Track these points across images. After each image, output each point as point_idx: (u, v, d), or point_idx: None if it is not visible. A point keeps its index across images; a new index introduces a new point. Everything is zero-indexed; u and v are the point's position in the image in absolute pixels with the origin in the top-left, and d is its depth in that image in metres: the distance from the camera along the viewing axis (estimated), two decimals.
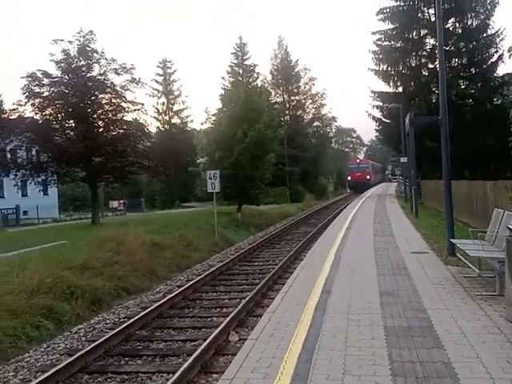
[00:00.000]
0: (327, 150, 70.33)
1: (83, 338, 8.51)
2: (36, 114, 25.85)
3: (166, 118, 62.73)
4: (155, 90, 62.33)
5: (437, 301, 6.60)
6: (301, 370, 4.47)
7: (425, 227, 15.96)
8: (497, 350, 4.72)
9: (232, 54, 60.21)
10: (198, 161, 34.63)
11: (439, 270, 8.67)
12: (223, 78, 59.01)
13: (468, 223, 16.88)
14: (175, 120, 63.01)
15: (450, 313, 6.01)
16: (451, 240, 9.53)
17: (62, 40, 24.83)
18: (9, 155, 29.36)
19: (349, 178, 67.73)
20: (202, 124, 46.86)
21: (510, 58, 8.14)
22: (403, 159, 28.28)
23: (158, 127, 61.78)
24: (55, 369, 6.56)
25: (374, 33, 33.12)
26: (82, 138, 24.72)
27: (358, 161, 72.22)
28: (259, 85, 50.71)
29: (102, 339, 7.74)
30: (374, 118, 35.14)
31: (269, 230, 25.77)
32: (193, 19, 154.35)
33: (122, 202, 47.16)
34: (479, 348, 4.78)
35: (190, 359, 6.56)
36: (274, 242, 20.08)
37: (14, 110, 25.47)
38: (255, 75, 58.74)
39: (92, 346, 7.48)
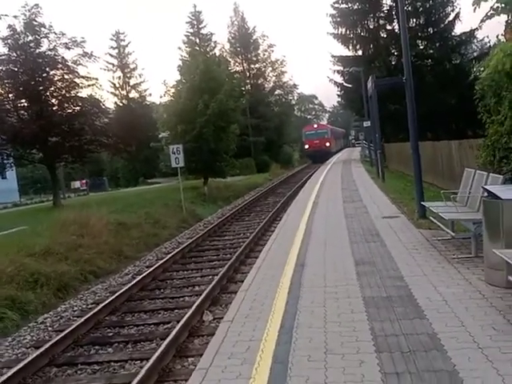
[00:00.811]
0: (290, 118, 69.03)
1: (50, 328, 8.10)
2: None
3: (124, 92, 60.94)
4: (110, 63, 60.33)
5: (413, 267, 6.47)
6: (280, 352, 4.23)
7: (392, 191, 15.95)
8: (481, 316, 4.58)
9: (187, 23, 58.58)
10: (160, 135, 33.79)
11: (412, 234, 8.58)
12: (180, 48, 57.47)
13: (433, 183, 17.02)
14: (133, 94, 61.32)
15: (428, 279, 5.88)
16: (423, 203, 9.44)
17: (6, 15, 23.44)
18: None
19: (306, 147, 57.22)
20: (160, 97, 45.66)
21: (474, 12, 7.87)
22: (366, 123, 28.25)
23: (115, 102, 60.04)
24: (21, 364, 6.18)
25: None
26: (35, 118, 23.63)
27: (315, 126, 60.56)
28: (217, 54, 49.71)
29: (70, 328, 7.35)
30: (335, 83, 34.95)
31: (237, 202, 25.51)
32: None
33: (84, 181, 46.01)
34: (463, 315, 4.63)
35: (164, 344, 6.28)
36: (244, 214, 19.83)
37: None
38: (213, 44, 57.57)
39: (60, 336, 7.10)
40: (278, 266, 7.24)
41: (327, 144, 55.42)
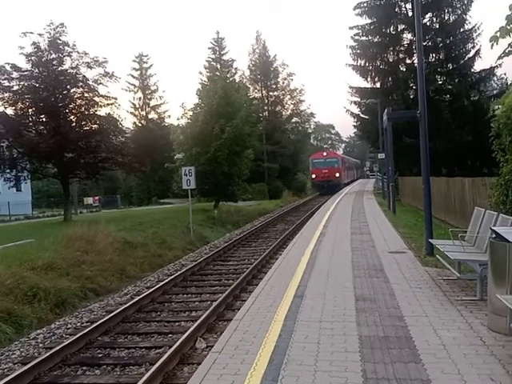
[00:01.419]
0: (306, 146, 69.12)
1: (41, 345, 7.95)
2: (5, 108, 24.97)
3: (143, 113, 61.79)
4: (131, 84, 61.44)
5: (415, 306, 6.22)
6: None
7: (403, 225, 15.68)
8: (479, 364, 4.33)
9: (209, 48, 59.62)
10: (176, 157, 33.95)
11: (417, 272, 8.31)
12: (201, 73, 58.35)
13: (445, 220, 16.69)
14: (152, 115, 62.10)
15: (429, 320, 5.62)
16: (430, 240, 9.19)
17: (31, 33, 23.92)
18: None
19: (313, 176, 51.24)
20: (178, 119, 46.10)
21: (491, 48, 7.75)
22: (381, 155, 28.09)
23: (134, 122, 60.93)
24: (3, 381, 6.02)
25: (351, 27, 32.87)
26: (53, 133, 23.86)
27: (324, 154, 53.55)
28: (237, 80, 50.22)
29: (60, 346, 7.22)
30: (352, 113, 34.92)
31: (246, 227, 25.32)
32: (170, 13, 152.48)
33: (96, 198, 46.19)
34: (460, 362, 4.38)
35: (152, 369, 6.09)
36: (251, 239, 19.63)
37: None
38: (233, 70, 58.26)
39: (48, 354, 6.96)
40: (276, 297, 7.03)
41: (337, 174, 49.91)
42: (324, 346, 4.97)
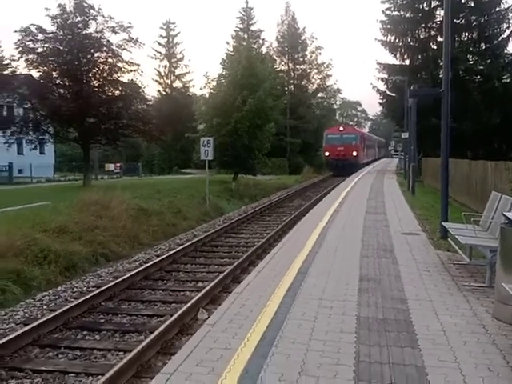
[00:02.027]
0: (331, 122, 68.09)
1: (44, 307, 8.01)
2: (30, 70, 25.11)
3: (168, 81, 61.62)
4: (158, 52, 61.25)
5: (420, 290, 6.04)
6: (253, 366, 3.92)
7: (420, 207, 15.36)
8: (478, 353, 4.15)
9: (238, 18, 58.84)
10: (198, 127, 33.83)
11: (428, 255, 8.09)
12: (227, 42, 57.82)
13: (466, 204, 16.32)
14: (177, 84, 61.91)
15: (433, 305, 5.44)
16: (443, 224, 8.93)
17: None
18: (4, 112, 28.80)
19: (326, 154, 44.31)
20: (200, 89, 45.84)
21: None
22: (405, 135, 27.49)
23: (159, 91, 60.91)
24: (3, 340, 6.07)
25: (383, 1, 31.91)
26: (75, 97, 23.97)
27: (340, 129, 46.11)
28: (264, 52, 49.56)
29: (62, 309, 7.24)
30: (378, 90, 34.14)
31: (262, 201, 25.19)
32: None
33: (118, 165, 46.54)
34: (459, 350, 4.21)
35: (150, 338, 6.07)
36: (265, 214, 19.50)
37: (7, 65, 24.71)
38: (261, 41, 57.54)
39: (50, 316, 6.99)
40: (279, 272, 6.91)
41: (354, 153, 43.03)
42: (320, 324, 4.85)
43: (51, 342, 6.46)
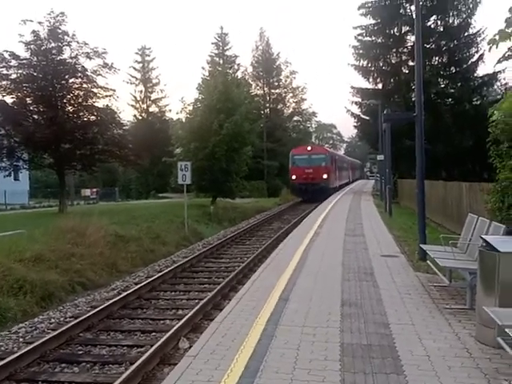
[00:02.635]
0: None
1: (21, 340, 7.77)
2: (3, 96, 24.78)
3: (144, 106, 61.71)
4: (133, 77, 61.38)
5: (402, 314, 6.05)
6: None
7: (398, 228, 15.50)
8: (463, 378, 4.15)
9: (213, 43, 59.44)
10: (175, 151, 33.79)
11: (408, 277, 8.14)
12: (203, 67, 58.15)
13: (442, 224, 16.54)
14: (153, 108, 62.02)
15: (415, 329, 5.45)
16: (422, 246, 9.01)
17: (31, 21, 23.76)
18: None
19: (292, 178, 38.93)
20: (177, 113, 45.91)
21: (489, 51, 7.57)
22: (380, 157, 27.91)
23: (135, 115, 60.84)
24: None
25: (355, 27, 32.74)
26: (49, 123, 23.68)
27: (308, 148, 40.36)
28: (240, 76, 50.02)
29: (39, 342, 7.04)
30: (352, 114, 34.76)
31: (241, 224, 25.13)
32: (174, 6, 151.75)
33: (94, 190, 46.03)
34: (444, 375, 4.21)
35: (131, 369, 5.93)
36: (245, 237, 19.45)
37: None
38: (236, 66, 58.11)
39: (27, 349, 6.78)
40: (260, 298, 6.86)
41: (324, 176, 37.43)
42: (304, 352, 4.80)
43: (29, 375, 6.28)
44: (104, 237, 15.07)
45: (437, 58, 31.39)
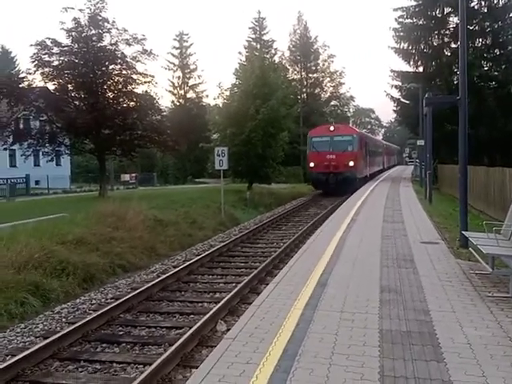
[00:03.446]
0: None
1: (63, 320, 8.03)
2: (45, 83, 25.41)
3: (182, 92, 61.99)
4: (171, 63, 61.65)
5: (443, 301, 5.94)
6: (276, 381, 3.87)
7: (438, 215, 15.19)
8: (506, 367, 4.06)
9: (250, 28, 59.04)
10: (212, 137, 34.00)
11: (449, 264, 7.98)
12: (240, 52, 57.96)
13: (484, 211, 16.14)
14: (190, 94, 62.23)
15: (456, 316, 5.35)
16: (464, 233, 8.80)
17: (72, 8, 24.20)
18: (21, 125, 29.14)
19: (311, 165, 31.58)
20: (214, 99, 46.03)
21: None
22: (420, 142, 27.30)
23: (172, 101, 61.33)
24: (24, 354, 6.08)
25: (395, 9, 31.93)
26: (90, 109, 24.18)
27: (331, 129, 31.77)
28: (276, 61, 49.66)
29: (82, 322, 7.25)
30: (392, 98, 34.08)
31: (278, 210, 25.12)
32: None
33: (133, 175, 46.80)
34: (486, 364, 4.12)
35: (170, 350, 6.04)
36: (281, 223, 19.45)
37: (23, 78, 25.00)
38: (273, 51, 57.59)
39: (69, 329, 7.00)
40: (298, 283, 6.86)
41: (350, 163, 29.96)
42: (342, 338, 4.78)
43: (71, 355, 6.46)
44: (143, 221, 15.34)
45: (480, 40, 30.40)
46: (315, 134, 32.35)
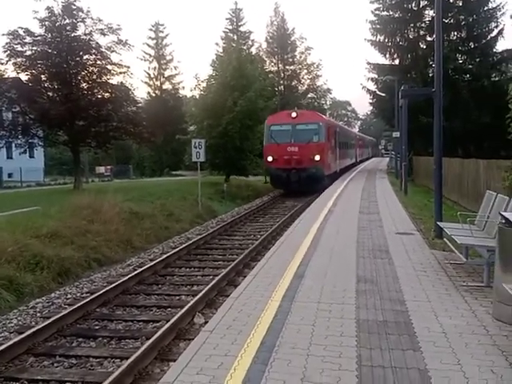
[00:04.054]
0: None
1: (38, 314, 7.90)
2: (18, 73, 24.88)
3: (158, 83, 61.40)
4: (147, 54, 61.02)
5: (418, 291, 6.02)
6: (254, 372, 3.87)
7: (413, 206, 15.38)
8: (481, 355, 4.13)
9: (227, 19, 58.69)
10: (189, 129, 33.78)
11: (423, 255, 8.08)
12: (217, 44, 57.53)
13: (458, 202, 16.39)
14: (166, 86, 61.69)
15: (431, 306, 5.42)
16: (438, 223, 8.93)
17: None
18: None
19: (268, 160, 26.26)
20: (191, 90, 45.73)
21: None
22: (395, 134, 27.57)
23: (148, 92, 60.71)
24: None
25: (372, 1, 31.99)
26: (64, 101, 23.76)
27: (292, 115, 26.10)
28: (254, 53, 49.47)
29: (57, 317, 7.15)
30: (368, 90, 34.22)
31: (255, 202, 25.11)
32: None
33: (108, 167, 46.28)
34: (461, 352, 4.19)
35: (146, 344, 6.00)
36: (258, 215, 19.46)
37: None
38: (250, 42, 57.37)
39: (44, 324, 6.89)
40: (275, 275, 6.87)
41: (316, 157, 24.98)
42: (319, 329, 4.80)
43: (46, 350, 6.37)
44: (119, 214, 15.16)
45: (455, 33, 30.69)
46: (274, 122, 26.51)
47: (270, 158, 25.91)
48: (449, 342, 4.41)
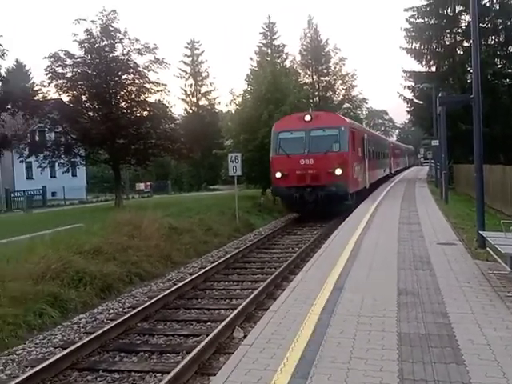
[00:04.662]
0: None
1: (82, 330, 8.07)
2: (60, 95, 25.75)
3: (194, 99, 62.21)
4: (183, 71, 61.94)
5: (461, 302, 5.87)
6: None
7: (454, 215, 15.03)
8: None
9: (261, 33, 59.05)
10: (225, 143, 34.07)
11: (466, 265, 7.88)
12: (251, 58, 57.89)
13: (501, 211, 15.93)
14: (203, 102, 62.45)
15: (475, 318, 5.28)
16: (481, 232, 8.70)
17: (84, 19, 24.51)
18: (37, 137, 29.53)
19: (277, 176, 20.05)
20: (226, 106, 46.21)
21: None
22: (434, 142, 27.09)
23: (185, 109, 61.59)
24: (43, 365, 6.13)
25: (406, 9, 31.81)
26: (104, 120, 24.44)
27: (306, 119, 19.94)
28: (288, 65, 49.63)
29: (100, 332, 7.29)
30: (405, 98, 33.88)
31: (292, 215, 24.99)
32: None
33: (148, 184, 47.15)
34: (506, 365, 4.06)
35: (187, 358, 6.04)
36: (296, 228, 19.37)
37: (37, 90, 25.36)
38: (284, 55, 57.48)
39: (87, 339, 7.04)
40: (314, 288, 6.82)
41: (337, 171, 19.09)
42: (360, 342, 4.74)
43: (89, 365, 6.49)
44: (159, 229, 15.37)
45: (493, 38, 30.14)
46: (283, 128, 20.97)
47: (278, 175, 20.21)
48: (494, 355, 4.28)
